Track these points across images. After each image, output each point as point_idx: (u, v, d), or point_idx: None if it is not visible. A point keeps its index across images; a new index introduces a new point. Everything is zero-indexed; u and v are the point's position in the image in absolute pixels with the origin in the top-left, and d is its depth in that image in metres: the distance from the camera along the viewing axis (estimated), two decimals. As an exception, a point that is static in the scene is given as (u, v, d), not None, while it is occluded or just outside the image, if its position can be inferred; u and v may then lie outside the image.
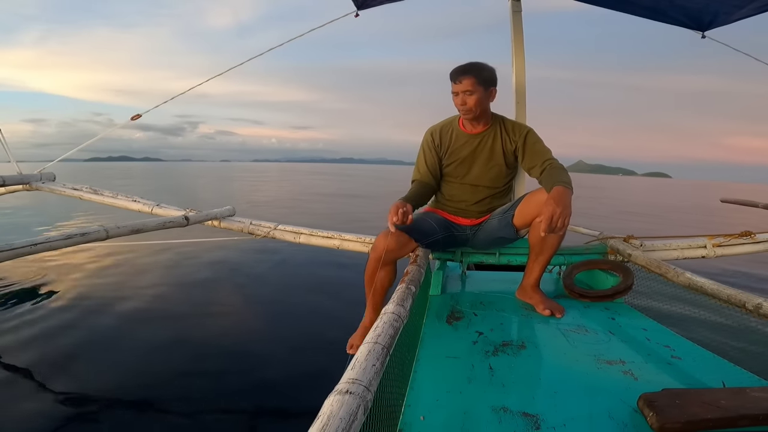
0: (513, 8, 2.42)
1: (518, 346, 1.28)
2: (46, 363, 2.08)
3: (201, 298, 3.23)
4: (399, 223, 1.48)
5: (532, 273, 1.66)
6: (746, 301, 1.28)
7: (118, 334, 2.46)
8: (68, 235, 1.64)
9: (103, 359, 2.17)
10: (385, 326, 0.87)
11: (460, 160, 1.80)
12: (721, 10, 2.38)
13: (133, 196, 2.65)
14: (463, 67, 1.66)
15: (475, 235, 1.85)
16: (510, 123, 1.79)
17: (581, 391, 1.02)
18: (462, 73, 1.64)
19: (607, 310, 1.65)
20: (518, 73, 2.38)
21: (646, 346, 1.33)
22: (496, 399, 0.98)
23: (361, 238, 2.17)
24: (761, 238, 2.16)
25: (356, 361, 0.73)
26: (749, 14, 2.35)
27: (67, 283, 3.37)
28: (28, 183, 2.65)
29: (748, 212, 4.82)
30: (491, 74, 1.67)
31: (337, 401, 0.61)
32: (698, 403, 0.89)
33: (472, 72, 1.63)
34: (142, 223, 1.99)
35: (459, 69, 1.66)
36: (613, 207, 14.70)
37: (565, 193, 1.41)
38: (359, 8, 2.56)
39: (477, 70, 1.64)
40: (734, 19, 2.43)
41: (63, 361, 2.10)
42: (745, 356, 2.21)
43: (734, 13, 2.37)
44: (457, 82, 1.65)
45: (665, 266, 1.65)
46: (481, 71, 1.64)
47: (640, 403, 0.92)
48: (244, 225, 2.40)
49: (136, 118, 2.84)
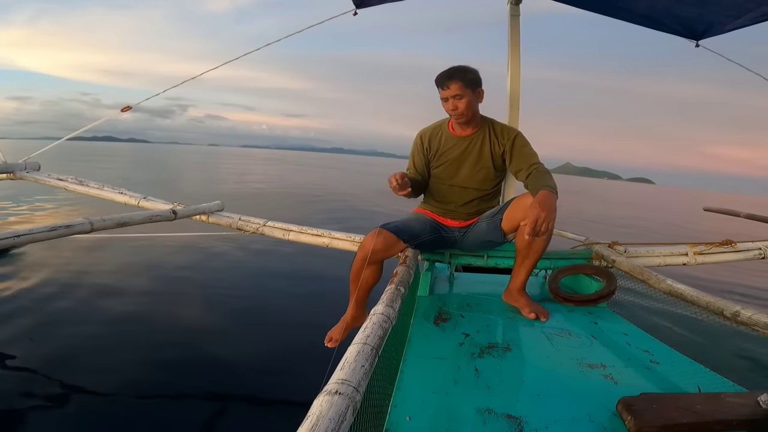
0: (511, 12, 2.44)
1: (503, 349, 1.30)
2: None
3: (181, 292, 3.21)
4: (397, 186, 1.61)
5: (518, 276, 1.69)
6: (724, 309, 1.32)
7: (104, 332, 2.44)
8: (52, 227, 1.61)
9: (95, 360, 2.15)
10: (374, 327, 0.88)
11: (448, 162, 1.82)
12: (715, 20, 2.40)
13: (120, 188, 2.60)
14: (447, 72, 1.67)
15: (463, 238, 1.87)
16: (499, 126, 1.81)
17: (563, 394, 1.05)
18: (448, 78, 1.65)
19: (590, 314, 1.68)
20: (513, 77, 2.40)
21: (627, 350, 1.36)
22: (481, 401, 1.00)
23: (351, 237, 2.17)
24: (741, 247, 2.21)
25: (345, 361, 0.74)
26: (744, 24, 2.36)
27: (46, 274, 3.31)
28: (12, 172, 2.59)
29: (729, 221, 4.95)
30: (476, 76, 1.68)
31: (327, 402, 0.61)
32: (674, 407, 0.92)
33: (458, 76, 1.65)
34: (128, 216, 1.96)
35: (444, 75, 1.67)
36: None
37: (550, 198, 1.44)
38: (358, 7, 2.55)
39: (462, 73, 1.66)
40: (728, 29, 2.45)
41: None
42: (722, 362, 2.28)
43: (729, 23, 2.39)
44: (445, 88, 1.67)
45: (648, 273, 1.69)
46: (466, 74, 1.66)
47: (619, 406, 0.95)
48: (233, 221, 2.38)
49: (126, 110, 2.78)
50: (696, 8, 2.29)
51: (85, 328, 2.44)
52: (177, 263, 3.90)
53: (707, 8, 2.28)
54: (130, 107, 2.76)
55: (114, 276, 3.40)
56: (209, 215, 2.41)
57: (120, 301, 2.88)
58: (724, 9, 2.24)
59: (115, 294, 3.00)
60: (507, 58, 2.43)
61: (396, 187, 1.63)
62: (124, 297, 2.96)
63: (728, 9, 2.23)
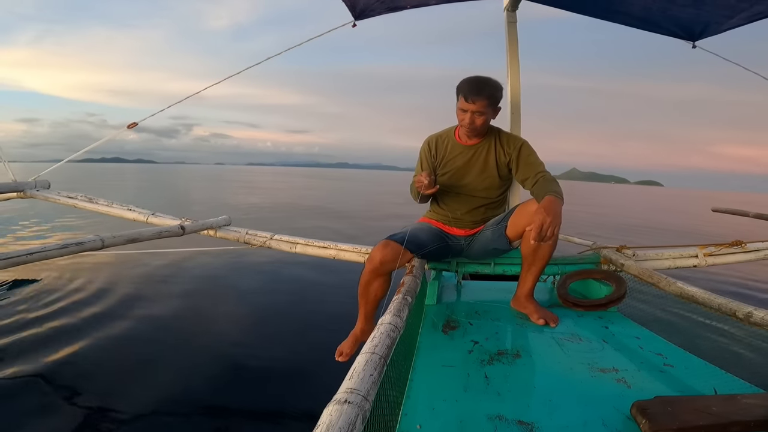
0: (508, 19, 2.46)
1: (513, 355, 1.29)
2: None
3: (194, 305, 3.23)
4: (429, 184, 1.66)
5: (525, 283, 1.68)
6: (737, 310, 1.30)
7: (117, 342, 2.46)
8: (64, 244, 1.63)
9: (105, 373, 2.16)
10: (382, 336, 0.88)
11: (454, 170, 1.82)
12: (711, 20, 2.41)
13: (128, 205, 2.64)
14: (477, 86, 1.62)
15: (469, 246, 1.87)
16: (505, 135, 1.81)
17: (575, 399, 1.04)
18: (477, 94, 1.61)
19: (601, 319, 1.66)
20: (513, 85, 2.41)
21: (639, 354, 1.34)
22: (492, 407, 0.99)
23: (357, 249, 2.17)
24: (752, 247, 2.19)
25: (354, 371, 0.74)
26: (739, 24, 2.38)
27: (66, 290, 3.35)
28: (23, 191, 2.64)
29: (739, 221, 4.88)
30: (501, 94, 1.67)
31: (336, 411, 0.62)
32: (690, 410, 0.91)
33: (486, 93, 1.62)
34: (138, 233, 1.98)
35: (474, 88, 1.62)
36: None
37: (555, 203, 1.43)
38: (357, 18, 2.58)
39: (492, 90, 1.63)
40: (724, 29, 2.46)
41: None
42: (737, 363, 2.24)
43: (724, 23, 2.40)
44: (469, 101, 1.63)
45: (657, 276, 1.68)
46: (494, 93, 1.64)
47: (633, 410, 0.93)
48: (240, 235, 2.40)
49: (132, 126, 2.83)
50: (692, 9, 2.31)
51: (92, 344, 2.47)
52: (183, 277, 3.94)
53: (702, 9, 2.29)
54: (136, 123, 2.81)
55: (117, 291, 3.44)
56: (217, 230, 2.43)
57: (128, 314, 2.91)
58: (719, 9, 2.26)
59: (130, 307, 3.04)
60: (506, 65, 2.45)
61: (427, 185, 1.65)
62: (133, 310, 2.99)
63: (723, 9, 2.25)
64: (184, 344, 2.54)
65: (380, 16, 2.66)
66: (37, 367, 2.14)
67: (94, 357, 2.30)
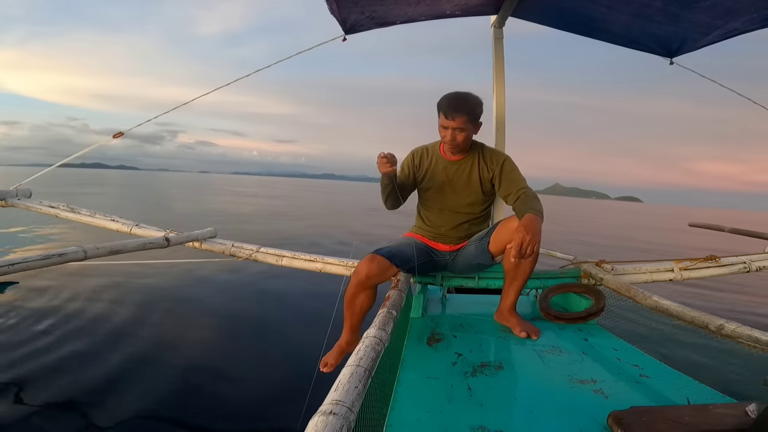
0: (495, 35, 2.52)
1: (496, 367, 1.32)
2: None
3: (174, 318, 3.18)
4: (386, 161, 1.61)
5: (508, 297, 1.71)
6: (709, 323, 1.35)
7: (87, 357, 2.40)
8: (46, 255, 1.61)
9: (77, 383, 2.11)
10: (367, 350, 0.90)
11: (437, 185, 1.85)
12: (688, 37, 2.49)
13: (112, 215, 2.61)
14: (455, 103, 1.65)
15: (454, 261, 1.90)
16: (488, 151, 1.84)
17: (555, 410, 1.06)
18: (456, 111, 1.64)
19: (581, 331, 1.70)
20: (498, 101, 2.47)
21: (617, 365, 1.38)
22: (475, 418, 1.01)
23: (344, 262, 2.18)
24: (725, 261, 2.27)
25: (339, 383, 0.75)
26: (714, 41, 2.46)
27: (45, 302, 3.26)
28: (3, 199, 2.58)
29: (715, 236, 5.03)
30: (481, 109, 1.69)
31: (321, 422, 0.63)
32: (663, 419, 0.94)
33: (466, 110, 1.64)
34: (121, 244, 1.96)
35: (452, 105, 1.65)
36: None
37: (535, 221, 1.47)
38: (347, 33, 2.62)
39: (470, 107, 1.65)
40: (700, 45, 2.54)
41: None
42: (710, 374, 2.30)
43: (700, 39, 2.48)
44: (449, 118, 1.66)
45: (634, 290, 1.73)
46: (474, 109, 1.66)
47: (609, 420, 0.96)
48: (225, 247, 2.39)
49: (118, 136, 2.79)
50: (669, 27, 2.39)
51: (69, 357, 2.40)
52: (166, 290, 3.87)
53: (680, 26, 2.37)
54: (122, 133, 2.77)
55: (99, 303, 3.36)
56: (202, 242, 2.41)
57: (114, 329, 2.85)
58: (695, 26, 2.34)
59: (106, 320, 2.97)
60: (492, 81, 2.50)
61: (385, 161, 1.62)
62: (116, 324, 2.93)
63: (699, 26, 2.33)
64: (157, 359, 2.49)
65: (370, 30, 2.71)
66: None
67: (58, 373, 2.23)
